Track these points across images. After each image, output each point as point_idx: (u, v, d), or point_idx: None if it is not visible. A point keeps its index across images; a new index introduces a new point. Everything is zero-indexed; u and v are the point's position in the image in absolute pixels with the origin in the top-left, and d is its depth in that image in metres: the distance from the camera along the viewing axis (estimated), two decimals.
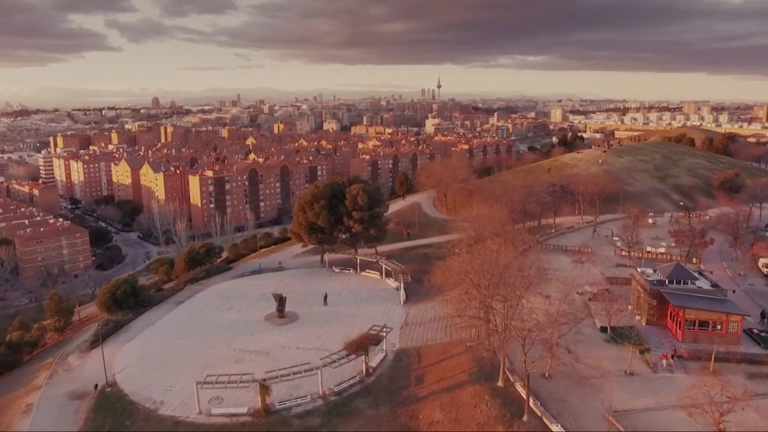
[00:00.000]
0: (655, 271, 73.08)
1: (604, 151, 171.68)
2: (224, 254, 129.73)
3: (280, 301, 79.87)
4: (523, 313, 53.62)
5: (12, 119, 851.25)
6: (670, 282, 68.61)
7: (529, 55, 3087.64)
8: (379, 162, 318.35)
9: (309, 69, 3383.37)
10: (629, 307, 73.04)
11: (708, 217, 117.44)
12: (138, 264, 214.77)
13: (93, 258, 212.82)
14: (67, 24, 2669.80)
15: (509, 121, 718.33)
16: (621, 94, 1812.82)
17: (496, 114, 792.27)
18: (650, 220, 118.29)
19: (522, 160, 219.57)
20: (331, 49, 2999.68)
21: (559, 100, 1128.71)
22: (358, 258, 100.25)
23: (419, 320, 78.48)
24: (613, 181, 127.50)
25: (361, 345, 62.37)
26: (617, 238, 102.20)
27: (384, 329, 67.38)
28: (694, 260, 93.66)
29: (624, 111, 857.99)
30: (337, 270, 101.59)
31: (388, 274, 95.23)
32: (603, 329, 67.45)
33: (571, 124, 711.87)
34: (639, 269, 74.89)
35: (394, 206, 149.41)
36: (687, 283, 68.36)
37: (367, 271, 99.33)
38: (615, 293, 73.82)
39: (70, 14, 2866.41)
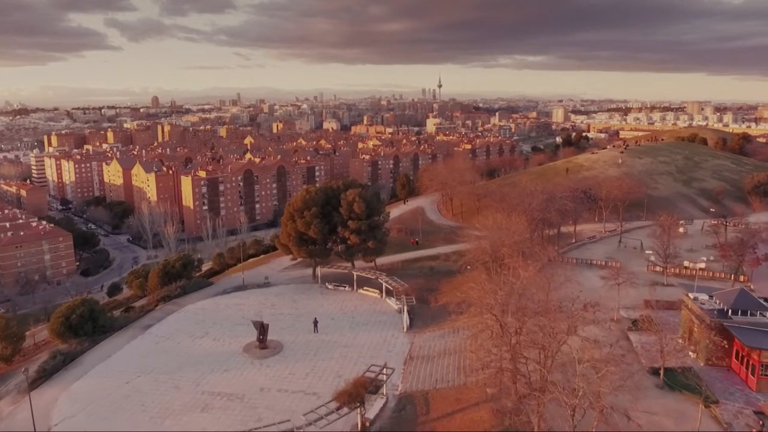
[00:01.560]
0: (711, 297, 59.90)
1: (622, 152, 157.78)
2: (209, 265, 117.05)
3: (262, 329, 66.87)
4: (567, 371, 40.52)
5: (11, 118, 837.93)
6: (734, 313, 55.52)
7: (529, 55, 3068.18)
8: (380, 162, 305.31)
9: (309, 68, 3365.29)
10: (679, 340, 59.97)
11: (744, 226, 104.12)
12: (125, 269, 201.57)
13: (77, 263, 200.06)
14: (67, 23, 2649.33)
15: (510, 120, 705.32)
16: (621, 94, 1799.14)
17: (497, 114, 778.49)
18: (681, 229, 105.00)
19: (530, 161, 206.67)
20: (330, 49, 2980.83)
21: (560, 100, 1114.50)
22: (355, 274, 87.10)
23: (426, 353, 65.44)
24: (636, 185, 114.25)
25: (356, 394, 49.35)
26: (650, 251, 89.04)
27: (384, 370, 54.35)
28: (742, 278, 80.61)
29: (626, 111, 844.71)
30: (330, 287, 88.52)
31: (389, 293, 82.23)
32: (653, 370, 54.45)
33: (573, 124, 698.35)
34: (691, 294, 61.66)
35: (396, 211, 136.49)
36: (755, 315, 55.26)
37: (364, 288, 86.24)
38: (662, 321, 61.05)
39: (70, 13, 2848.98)
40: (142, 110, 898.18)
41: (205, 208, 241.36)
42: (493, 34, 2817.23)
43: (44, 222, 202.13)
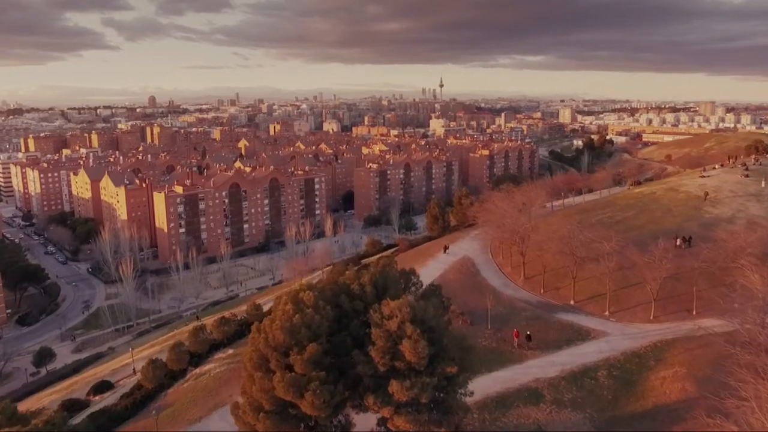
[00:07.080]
0: None
1: (746, 175, 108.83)
2: (136, 379, 68.64)
3: None
4: None
5: (3, 118, 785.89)
6: None
7: (528, 55, 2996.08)
8: (389, 172, 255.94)
9: (308, 68, 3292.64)
10: None
11: None
12: (71, 316, 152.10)
13: (10, 310, 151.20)
14: (64, 22, 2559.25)
15: (516, 121, 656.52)
16: (622, 94, 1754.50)
17: (503, 114, 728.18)
18: None
19: (589, 180, 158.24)
20: (329, 48, 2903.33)
21: (562, 100, 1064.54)
22: None
23: None
24: None
25: None
26: None
27: None
28: None
29: (632, 111, 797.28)
30: None
31: None
32: None
33: (582, 125, 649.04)
34: None
35: (434, 267, 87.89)
36: None
37: None
38: None
39: (66, 12, 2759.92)
40: (138, 110, 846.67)
41: (182, 230, 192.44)
42: (493, 34, 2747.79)
43: None
